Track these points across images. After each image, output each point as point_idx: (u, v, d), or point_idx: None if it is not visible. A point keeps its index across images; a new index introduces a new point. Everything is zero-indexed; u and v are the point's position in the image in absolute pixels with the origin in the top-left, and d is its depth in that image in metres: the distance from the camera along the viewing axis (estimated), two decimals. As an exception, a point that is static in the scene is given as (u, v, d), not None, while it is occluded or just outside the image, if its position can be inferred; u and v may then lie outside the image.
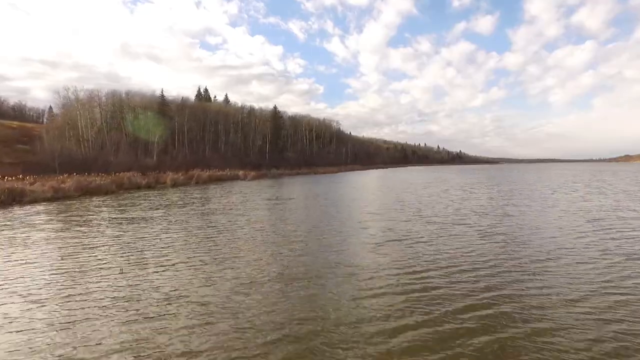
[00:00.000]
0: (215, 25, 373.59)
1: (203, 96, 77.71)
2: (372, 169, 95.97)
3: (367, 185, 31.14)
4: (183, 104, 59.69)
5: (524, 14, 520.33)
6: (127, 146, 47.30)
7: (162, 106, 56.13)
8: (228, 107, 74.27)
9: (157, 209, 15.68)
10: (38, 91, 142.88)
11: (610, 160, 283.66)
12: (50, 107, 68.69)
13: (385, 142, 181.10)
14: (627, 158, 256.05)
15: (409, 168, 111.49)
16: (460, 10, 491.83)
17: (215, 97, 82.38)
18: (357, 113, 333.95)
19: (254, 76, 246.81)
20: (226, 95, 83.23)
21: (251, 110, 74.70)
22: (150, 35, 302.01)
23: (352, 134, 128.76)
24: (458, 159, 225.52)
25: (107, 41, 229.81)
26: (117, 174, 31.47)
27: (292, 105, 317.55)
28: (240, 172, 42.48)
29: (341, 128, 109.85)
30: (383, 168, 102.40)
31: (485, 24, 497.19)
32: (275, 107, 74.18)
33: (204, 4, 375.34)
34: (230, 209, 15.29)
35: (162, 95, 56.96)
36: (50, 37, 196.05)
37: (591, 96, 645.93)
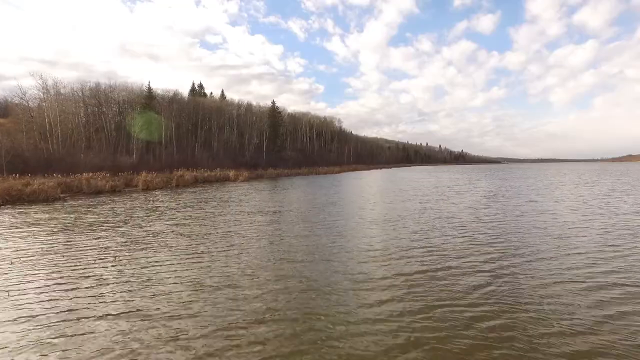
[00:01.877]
0: (215, 25, 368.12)
1: (197, 92, 72.00)
2: (376, 168, 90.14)
3: (384, 190, 25.25)
4: (172, 98, 53.84)
5: (525, 13, 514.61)
6: (104, 144, 41.58)
7: (149, 100, 50.36)
8: (223, 103, 68.47)
9: (69, 230, 9.86)
10: (36, 90, 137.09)
11: (612, 160, 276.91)
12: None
13: (386, 141, 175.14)
14: (629, 158, 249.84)
15: (414, 168, 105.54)
16: (461, 9, 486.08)
17: (211, 93, 76.72)
18: (357, 113, 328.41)
19: (254, 76, 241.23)
20: (222, 92, 77.39)
21: (248, 107, 68.94)
22: (149, 34, 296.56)
23: (353, 133, 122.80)
24: (461, 158, 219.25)
25: (107, 40, 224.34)
26: (81, 175, 25.83)
27: (292, 104, 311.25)
28: (231, 173, 36.65)
29: (343, 126, 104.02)
30: (387, 168, 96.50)
31: (486, 22, 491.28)
32: (273, 103, 68.29)
33: (204, 3, 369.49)
34: (181, 235, 9.47)
35: (149, 89, 51.12)
36: (50, 36, 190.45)
37: (592, 95, 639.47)
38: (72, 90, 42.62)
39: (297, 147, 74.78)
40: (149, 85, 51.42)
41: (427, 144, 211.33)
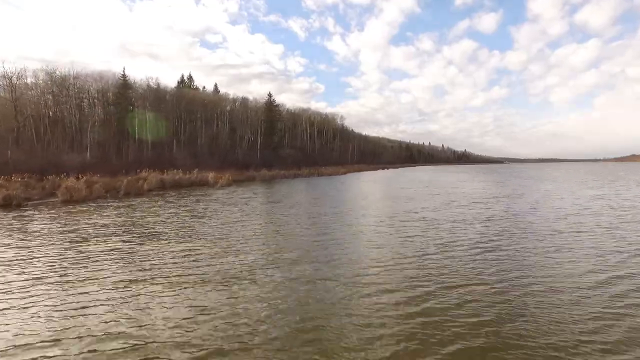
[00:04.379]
0: (215, 24, 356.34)
1: (187, 84, 63.29)
2: (381, 168, 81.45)
3: (437, 208, 16.51)
4: (151, 88, 45.13)
5: (527, 12, 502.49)
6: (60, 139, 33.04)
7: (123, 89, 41.74)
8: (216, 97, 59.68)
9: None
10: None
11: (615, 160, 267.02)
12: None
13: (389, 141, 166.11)
14: (633, 157, 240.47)
15: (421, 168, 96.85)
16: (463, 8, 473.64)
17: (204, 87, 67.87)
18: (358, 112, 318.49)
19: (254, 75, 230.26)
20: (215, 85, 68.62)
21: (243, 101, 60.20)
22: (149, 33, 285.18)
23: (355, 131, 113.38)
24: (464, 158, 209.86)
25: (106, 40, 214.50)
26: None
27: (292, 104, 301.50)
28: (210, 175, 27.98)
29: (345, 124, 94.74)
30: (394, 168, 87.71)
31: (488, 21, 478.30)
32: (270, 95, 59.52)
33: (204, 2, 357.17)
34: None
35: (124, 76, 42.42)
36: (50, 36, 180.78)
37: (593, 95, 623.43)
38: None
39: (297, 146, 66.05)
40: (123, 72, 42.77)
41: (429, 143, 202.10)
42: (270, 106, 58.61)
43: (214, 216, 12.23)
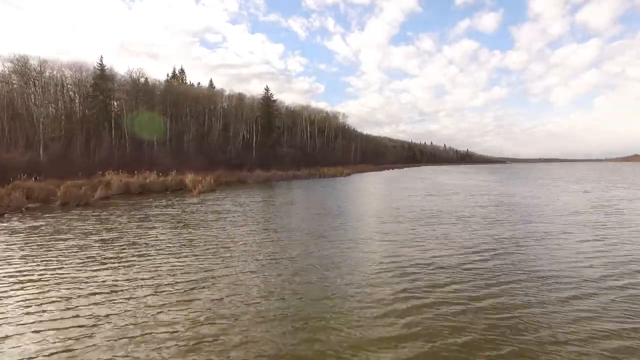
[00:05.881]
0: (214, 23, 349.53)
1: (178, 78, 57.89)
2: (386, 169, 76.11)
3: (506, 234, 11.07)
4: (134, 80, 39.74)
5: (528, 12, 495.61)
6: (19, 135, 27.78)
7: (100, 80, 36.39)
8: (211, 92, 54.19)
9: None
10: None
11: (616, 159, 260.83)
12: None
13: (390, 140, 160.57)
14: (635, 157, 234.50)
15: (426, 168, 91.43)
16: (464, 8, 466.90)
17: (199, 83, 62.46)
18: (358, 112, 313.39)
19: (254, 75, 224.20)
20: (211, 81, 63.27)
21: (239, 97, 54.68)
22: (148, 32, 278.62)
23: (357, 131, 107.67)
24: (467, 157, 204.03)
25: (106, 39, 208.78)
26: None
27: (292, 102, 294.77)
28: (187, 179, 22.58)
29: (347, 123, 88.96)
30: (399, 168, 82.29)
31: (488, 21, 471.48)
32: (267, 89, 54.02)
33: (203, 1, 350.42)
34: None
35: (101, 65, 37.02)
36: (50, 36, 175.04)
37: (594, 95, 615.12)
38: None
39: (296, 145, 60.63)
40: (100, 61, 37.34)
41: (431, 143, 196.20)
42: (267, 101, 53.20)
43: (138, 258, 6.88)
